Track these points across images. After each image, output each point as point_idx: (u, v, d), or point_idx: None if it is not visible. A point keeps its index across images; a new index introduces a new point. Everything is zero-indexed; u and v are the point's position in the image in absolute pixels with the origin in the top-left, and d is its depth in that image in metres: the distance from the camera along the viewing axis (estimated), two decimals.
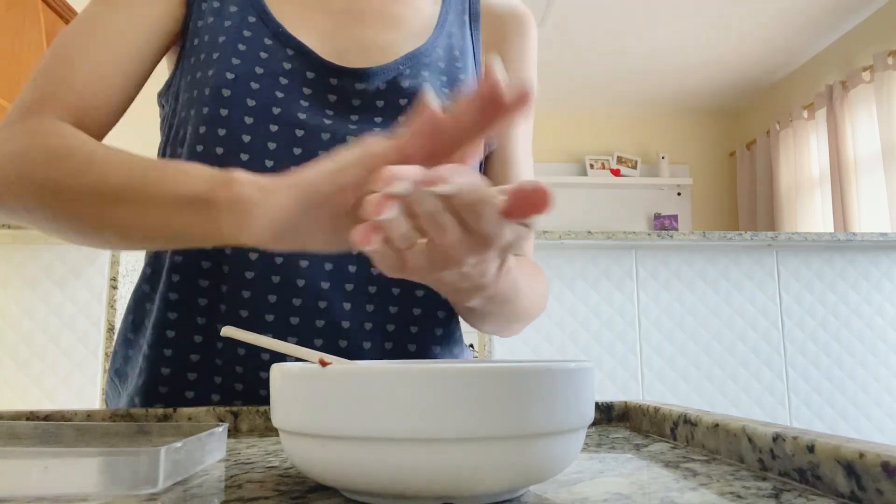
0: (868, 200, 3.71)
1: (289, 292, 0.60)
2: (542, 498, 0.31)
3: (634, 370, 2.13)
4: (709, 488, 0.33)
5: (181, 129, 0.64)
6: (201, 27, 0.64)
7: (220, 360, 0.61)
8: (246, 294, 0.60)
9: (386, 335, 0.63)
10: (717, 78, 4.67)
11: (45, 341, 1.80)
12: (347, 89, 0.64)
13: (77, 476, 0.32)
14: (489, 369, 0.28)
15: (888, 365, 2.17)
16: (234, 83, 0.60)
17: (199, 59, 0.63)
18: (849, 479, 0.30)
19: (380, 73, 0.65)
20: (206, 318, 0.61)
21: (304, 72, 0.63)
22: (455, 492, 0.28)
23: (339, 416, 0.28)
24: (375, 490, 0.29)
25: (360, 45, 0.66)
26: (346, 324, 0.62)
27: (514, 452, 0.28)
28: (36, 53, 2.75)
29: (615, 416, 0.55)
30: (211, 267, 0.61)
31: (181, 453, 0.34)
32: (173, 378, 0.61)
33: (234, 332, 0.39)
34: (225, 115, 0.60)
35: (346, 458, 0.29)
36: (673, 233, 2.09)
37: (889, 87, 3.59)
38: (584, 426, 0.31)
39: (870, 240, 2.12)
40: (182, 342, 0.61)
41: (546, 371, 0.29)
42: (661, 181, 5.11)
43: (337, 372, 0.29)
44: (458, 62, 0.70)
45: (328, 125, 0.62)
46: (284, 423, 0.31)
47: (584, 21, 3.88)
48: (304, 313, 0.60)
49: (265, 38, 0.63)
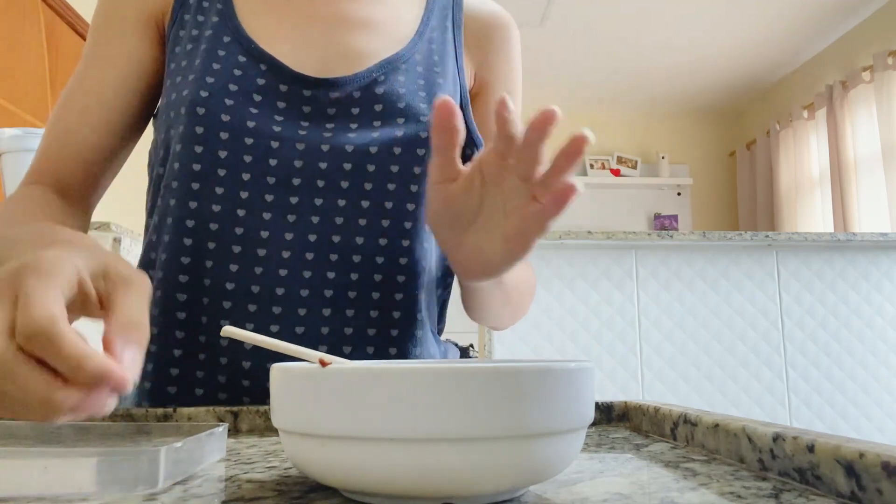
0: (868, 200, 3.71)
1: (268, 301, 0.61)
2: (542, 498, 0.31)
3: (634, 370, 2.13)
4: (709, 488, 0.33)
5: (161, 150, 0.66)
6: (178, 53, 0.67)
7: (201, 372, 0.62)
8: (227, 304, 0.61)
9: (367, 339, 0.64)
10: (717, 78, 4.67)
11: None
12: (321, 99, 0.65)
13: (77, 476, 0.32)
14: (490, 369, 0.28)
15: (888, 365, 2.17)
16: (207, 101, 0.62)
17: (174, 81, 0.65)
18: (849, 479, 0.30)
19: (353, 81, 0.66)
20: (184, 332, 0.62)
21: (277, 85, 0.64)
22: (454, 492, 0.28)
23: (340, 415, 0.28)
24: (375, 490, 0.29)
25: (340, 53, 0.67)
26: (325, 329, 0.62)
27: (514, 453, 0.28)
28: (36, 53, 2.75)
29: (615, 416, 0.55)
30: (189, 280, 0.62)
31: (181, 453, 0.34)
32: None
33: (234, 331, 0.39)
34: (200, 133, 0.62)
35: (346, 458, 0.29)
36: (673, 233, 2.09)
37: (889, 87, 3.59)
38: (585, 426, 0.31)
39: (870, 240, 2.12)
40: (165, 352, 0.63)
41: (546, 371, 0.29)
42: (661, 181, 5.11)
43: (337, 372, 0.29)
44: (437, 67, 0.71)
45: (302, 136, 0.64)
46: (284, 423, 0.31)
47: (583, 21, 3.88)
48: (283, 321, 0.61)
49: (239, 55, 0.65)
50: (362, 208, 0.64)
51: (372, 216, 0.64)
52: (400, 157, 0.64)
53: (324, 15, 0.69)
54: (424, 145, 0.65)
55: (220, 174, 0.62)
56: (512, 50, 0.77)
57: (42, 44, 2.79)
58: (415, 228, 0.66)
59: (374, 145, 0.64)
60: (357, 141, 0.64)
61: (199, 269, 0.62)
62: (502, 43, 0.76)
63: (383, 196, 0.64)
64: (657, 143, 5.30)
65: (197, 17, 0.67)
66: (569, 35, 4.05)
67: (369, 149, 0.64)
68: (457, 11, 0.75)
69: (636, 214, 5.15)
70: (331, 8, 0.69)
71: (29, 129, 1.73)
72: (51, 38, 2.85)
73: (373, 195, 0.64)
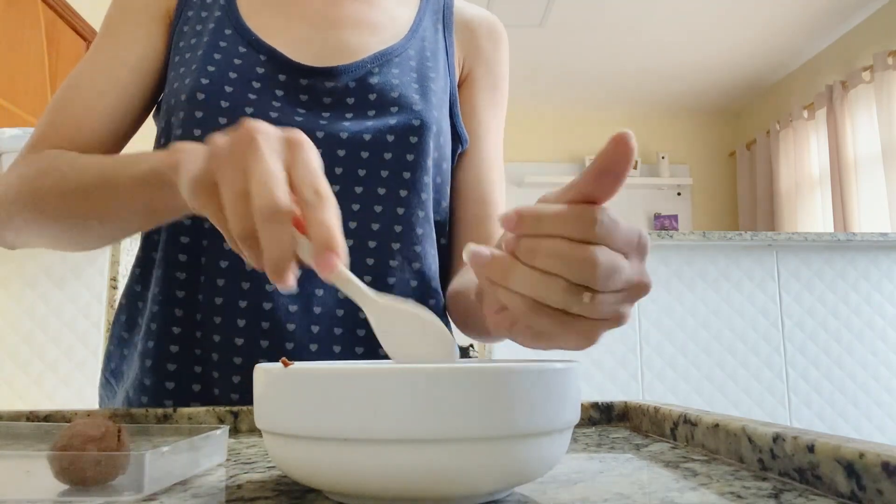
0: (868, 200, 3.71)
1: (262, 279, 0.62)
2: (542, 498, 0.31)
3: (634, 370, 2.13)
4: (709, 488, 0.33)
5: (162, 137, 0.68)
6: (183, 46, 0.68)
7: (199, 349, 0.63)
8: (220, 282, 0.63)
9: (358, 323, 0.65)
10: (717, 78, 4.67)
11: (45, 341, 1.79)
12: (318, 88, 0.67)
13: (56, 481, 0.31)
14: (472, 370, 0.28)
15: (888, 365, 2.17)
16: (208, 87, 0.64)
17: (178, 72, 0.67)
18: (849, 479, 0.30)
19: (348, 71, 0.68)
20: (182, 311, 0.64)
21: (275, 75, 0.66)
22: (437, 493, 0.28)
23: (321, 417, 0.28)
24: (357, 492, 0.29)
25: (334, 49, 0.69)
26: (317, 310, 0.63)
27: (499, 453, 0.28)
28: (36, 53, 2.75)
29: (615, 416, 0.55)
30: (187, 259, 0.64)
31: (168, 457, 0.33)
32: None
33: None
34: (200, 117, 0.64)
35: (328, 460, 0.28)
36: (673, 233, 2.09)
37: (889, 87, 3.58)
38: (569, 427, 0.31)
39: (870, 240, 2.12)
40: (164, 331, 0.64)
41: (529, 371, 0.29)
42: (661, 181, 5.11)
43: (319, 372, 0.29)
44: (429, 62, 0.73)
45: (298, 122, 0.65)
46: (266, 425, 0.31)
47: (583, 21, 3.88)
48: (276, 298, 0.62)
49: (239, 46, 0.67)
50: (356, 194, 0.65)
51: (365, 202, 0.65)
52: (393, 144, 0.66)
53: (321, 14, 0.71)
54: (417, 133, 0.67)
55: None
56: (498, 49, 0.80)
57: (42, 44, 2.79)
58: (407, 214, 0.67)
59: (368, 133, 0.66)
60: (351, 129, 0.66)
61: (197, 248, 0.64)
62: (489, 43, 0.79)
63: (376, 182, 0.66)
64: (657, 143, 5.29)
65: (200, 14, 0.70)
66: (569, 35, 4.04)
67: (363, 136, 0.66)
68: (448, 14, 0.78)
69: (636, 214, 5.14)
70: (328, 8, 0.72)
71: (29, 129, 1.73)
72: (51, 38, 2.85)
73: (366, 181, 0.66)
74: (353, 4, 0.72)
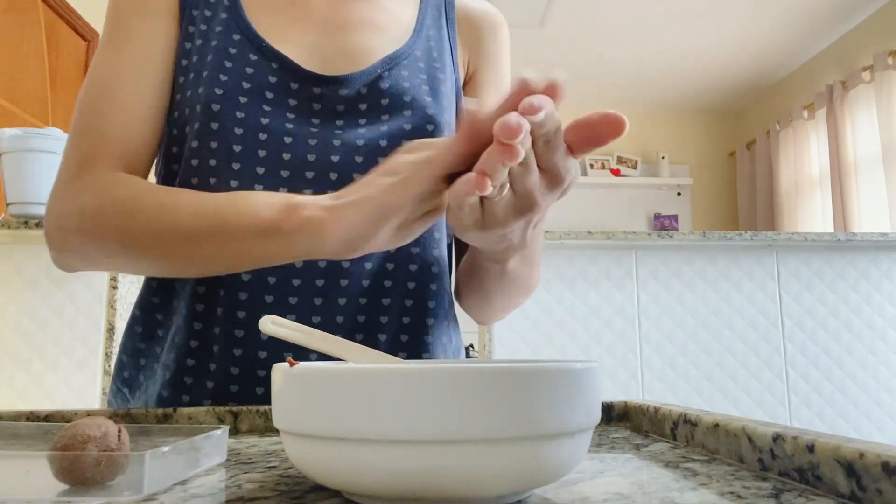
0: (868, 200, 3.71)
1: (285, 292, 0.62)
2: (542, 498, 0.31)
3: (634, 370, 2.13)
4: (709, 488, 0.33)
5: (174, 146, 0.67)
6: (190, 49, 0.67)
7: (213, 365, 0.63)
8: (243, 296, 0.62)
9: (379, 328, 0.65)
10: (717, 78, 4.67)
11: (44, 341, 1.79)
12: (331, 96, 0.67)
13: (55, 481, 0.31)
14: (494, 370, 0.27)
15: (888, 365, 2.17)
16: (222, 98, 0.63)
17: (188, 78, 0.66)
18: (849, 479, 0.30)
19: (359, 78, 0.68)
20: (201, 324, 0.63)
21: (288, 84, 0.66)
22: (458, 494, 0.28)
23: (342, 417, 0.28)
24: (378, 493, 0.29)
25: (343, 53, 0.69)
26: (340, 318, 0.63)
27: (520, 454, 0.28)
28: (36, 53, 2.75)
29: (615, 416, 0.55)
30: (205, 292, 0.64)
31: (168, 457, 0.33)
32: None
33: (273, 329, 0.39)
34: (216, 129, 0.63)
35: (348, 460, 0.28)
36: (673, 233, 2.09)
37: (889, 87, 3.59)
38: (591, 427, 0.31)
39: (870, 240, 2.12)
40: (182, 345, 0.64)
41: (552, 371, 0.29)
42: (661, 181, 5.11)
43: (340, 372, 0.29)
44: (436, 62, 0.73)
45: (314, 132, 0.65)
46: (285, 425, 0.31)
47: (583, 21, 3.88)
48: (299, 310, 0.62)
49: (250, 53, 0.66)
50: None
51: None
52: None
53: (326, 16, 0.71)
54: (431, 137, 0.66)
55: (235, 168, 0.63)
56: (499, 44, 0.80)
57: (42, 44, 2.79)
58: None
59: (384, 139, 0.66)
60: (367, 135, 0.66)
61: (214, 281, 0.63)
62: (491, 38, 0.79)
63: None
64: (657, 142, 5.29)
65: (204, 12, 0.69)
66: (569, 35, 4.05)
67: (379, 142, 0.66)
68: (449, 10, 0.79)
69: (636, 214, 5.14)
70: (331, 11, 0.71)
71: (29, 129, 1.73)
72: (51, 38, 2.85)
73: None
74: (356, 5, 0.72)
